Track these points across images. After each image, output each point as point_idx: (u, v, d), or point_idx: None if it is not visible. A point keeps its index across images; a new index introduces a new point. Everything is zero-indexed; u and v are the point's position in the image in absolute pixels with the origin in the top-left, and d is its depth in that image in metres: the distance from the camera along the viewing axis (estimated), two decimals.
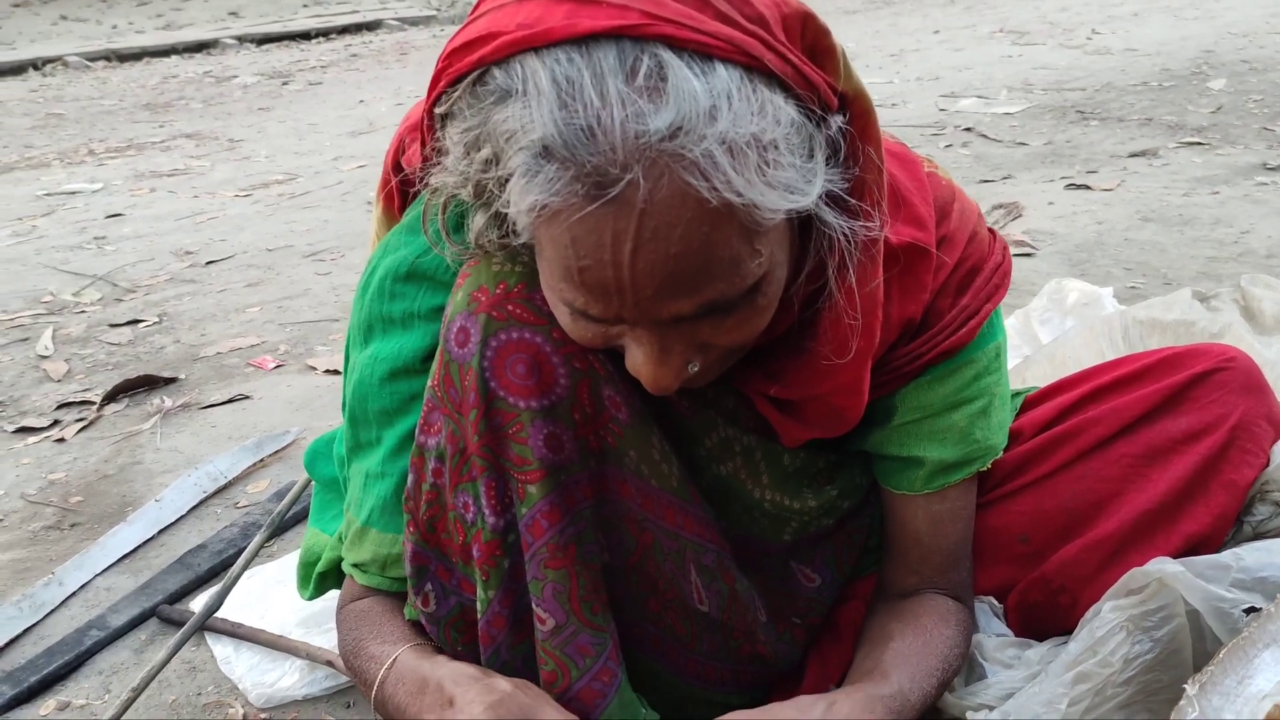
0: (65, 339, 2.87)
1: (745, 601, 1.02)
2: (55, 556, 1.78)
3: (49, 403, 2.44)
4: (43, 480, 2.06)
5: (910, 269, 0.94)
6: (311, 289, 3.15)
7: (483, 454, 0.88)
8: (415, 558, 0.95)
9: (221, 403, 2.36)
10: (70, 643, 1.53)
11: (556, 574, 0.89)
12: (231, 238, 3.78)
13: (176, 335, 2.84)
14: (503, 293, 0.87)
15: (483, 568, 0.91)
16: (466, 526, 0.92)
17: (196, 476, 1.96)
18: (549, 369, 0.87)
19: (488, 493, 0.89)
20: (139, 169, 5.13)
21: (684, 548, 0.96)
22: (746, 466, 1.00)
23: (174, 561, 1.71)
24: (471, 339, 0.87)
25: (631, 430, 0.91)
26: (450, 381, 0.89)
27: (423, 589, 0.96)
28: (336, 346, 2.66)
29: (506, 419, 0.87)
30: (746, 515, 1.02)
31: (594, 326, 0.80)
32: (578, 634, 0.90)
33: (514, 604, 0.92)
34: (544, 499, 0.88)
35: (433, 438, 0.92)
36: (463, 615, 0.96)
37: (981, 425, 1.02)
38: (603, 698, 0.91)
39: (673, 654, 1.02)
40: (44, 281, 3.38)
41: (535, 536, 0.89)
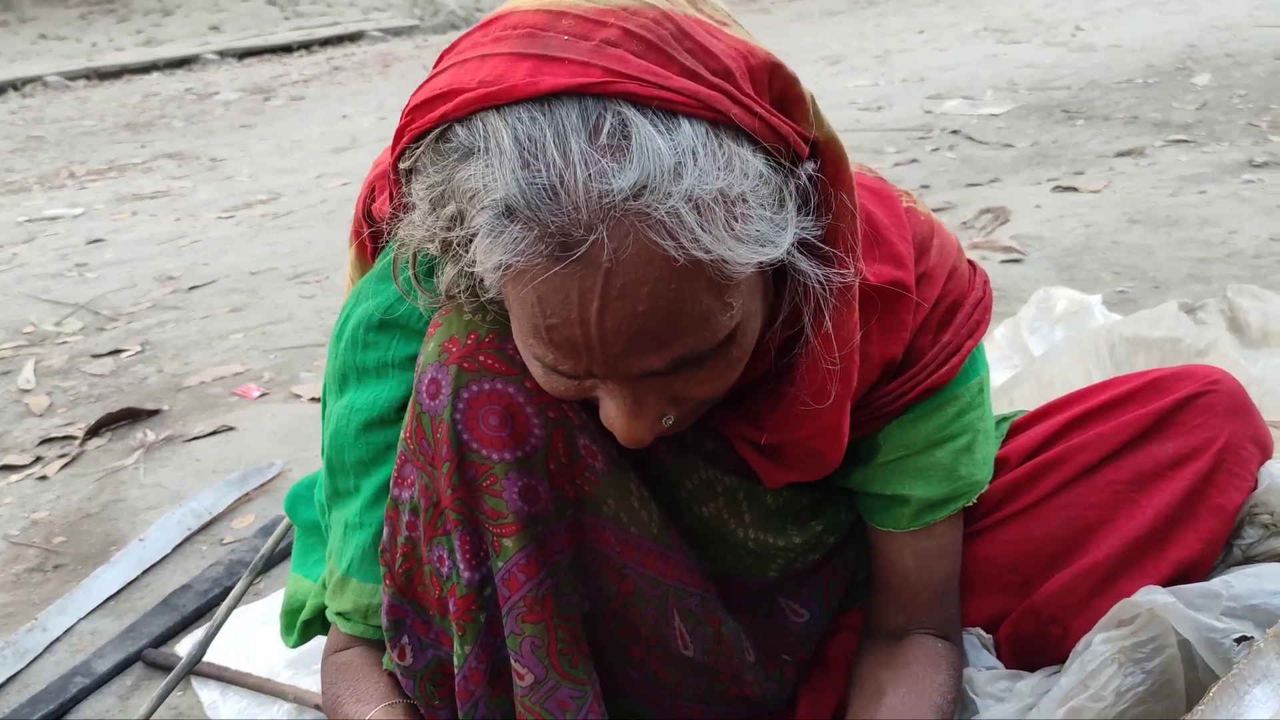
0: (47, 371, 2.85)
1: (732, 643, 1.00)
2: (38, 600, 1.76)
3: (31, 438, 2.41)
4: (25, 520, 2.04)
5: (890, 308, 0.93)
6: (295, 313, 3.13)
7: (456, 507, 0.87)
8: (392, 610, 0.94)
9: (205, 435, 2.34)
10: (54, 691, 1.51)
11: (534, 628, 0.88)
12: (214, 261, 3.76)
13: (159, 364, 2.82)
14: (474, 343, 0.86)
15: (459, 623, 0.90)
16: (442, 581, 0.91)
17: (180, 513, 1.94)
18: (522, 420, 0.86)
19: (462, 547, 0.88)
20: (120, 191, 5.11)
21: (666, 594, 0.95)
22: (729, 507, 0.99)
23: (159, 603, 1.69)
24: (443, 391, 0.85)
25: (608, 478, 0.89)
26: (423, 434, 0.88)
27: (399, 642, 0.95)
28: (320, 373, 2.64)
29: (480, 472, 0.86)
30: (731, 555, 1.01)
31: (566, 380, 0.79)
32: (558, 688, 0.89)
33: (491, 658, 0.91)
34: (520, 552, 0.87)
35: (406, 490, 0.91)
36: (440, 669, 0.95)
37: (966, 461, 1.00)
38: None
39: (658, 700, 1.01)
40: (25, 311, 3.35)
41: (512, 590, 0.88)
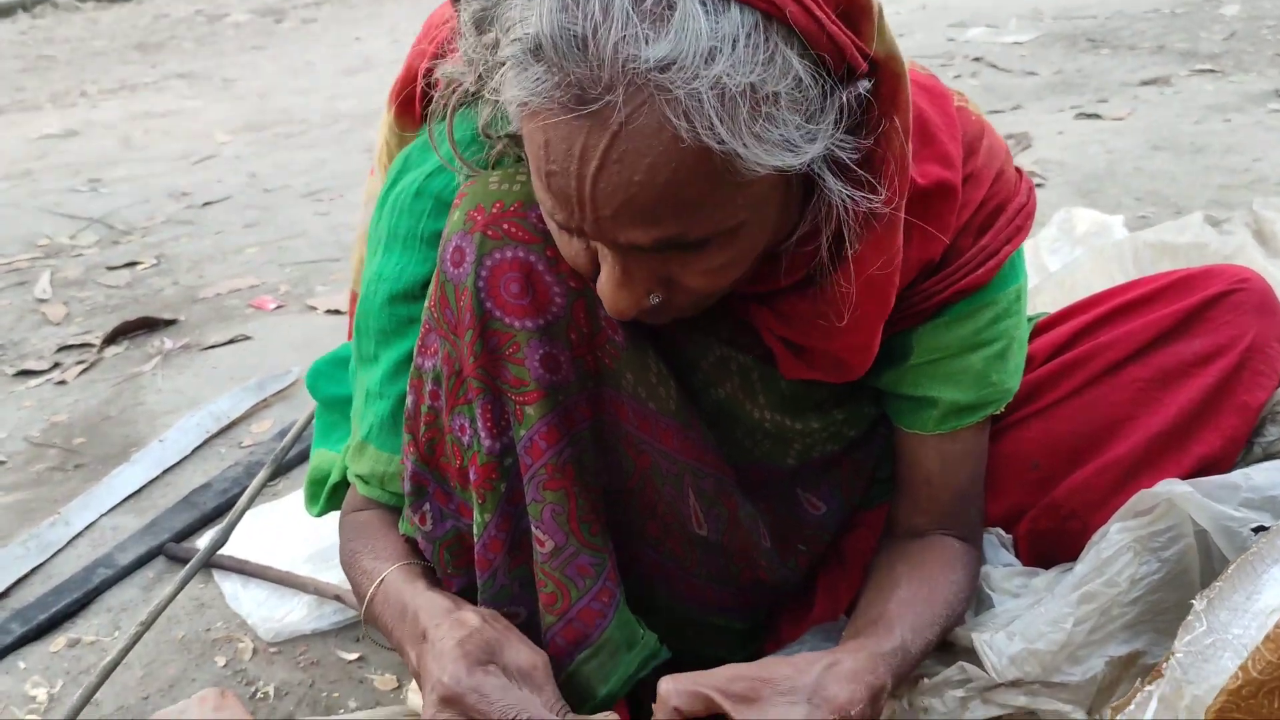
0: (63, 282, 2.86)
1: (748, 527, 1.01)
2: (60, 497, 1.78)
3: (49, 346, 2.43)
4: (45, 422, 2.06)
5: (934, 211, 0.91)
6: (310, 229, 3.12)
7: (478, 376, 0.87)
8: (414, 478, 0.95)
9: (222, 344, 2.35)
10: (78, 581, 1.53)
11: (555, 495, 0.89)
12: (227, 178, 3.75)
13: (175, 277, 2.83)
14: (499, 211, 0.86)
15: (479, 491, 0.90)
16: (463, 450, 0.91)
17: (199, 417, 1.95)
18: (543, 287, 0.86)
19: (484, 415, 0.88)
20: (132, 110, 5.08)
21: (683, 472, 0.95)
22: (744, 388, 0.98)
23: (179, 501, 1.72)
24: (467, 258, 0.86)
25: (628, 352, 0.90)
26: (446, 302, 0.88)
27: (420, 508, 0.96)
28: (336, 286, 2.64)
29: (502, 340, 0.86)
30: (749, 439, 1.01)
31: (576, 242, 0.80)
32: (577, 555, 0.90)
33: (511, 528, 0.92)
34: (541, 420, 0.87)
35: (429, 359, 0.91)
36: (458, 539, 0.96)
37: (998, 369, 0.99)
38: (603, 618, 0.91)
39: (672, 577, 1.02)
40: (40, 225, 3.35)
41: (533, 458, 0.88)
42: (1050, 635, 0.92)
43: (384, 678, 1.33)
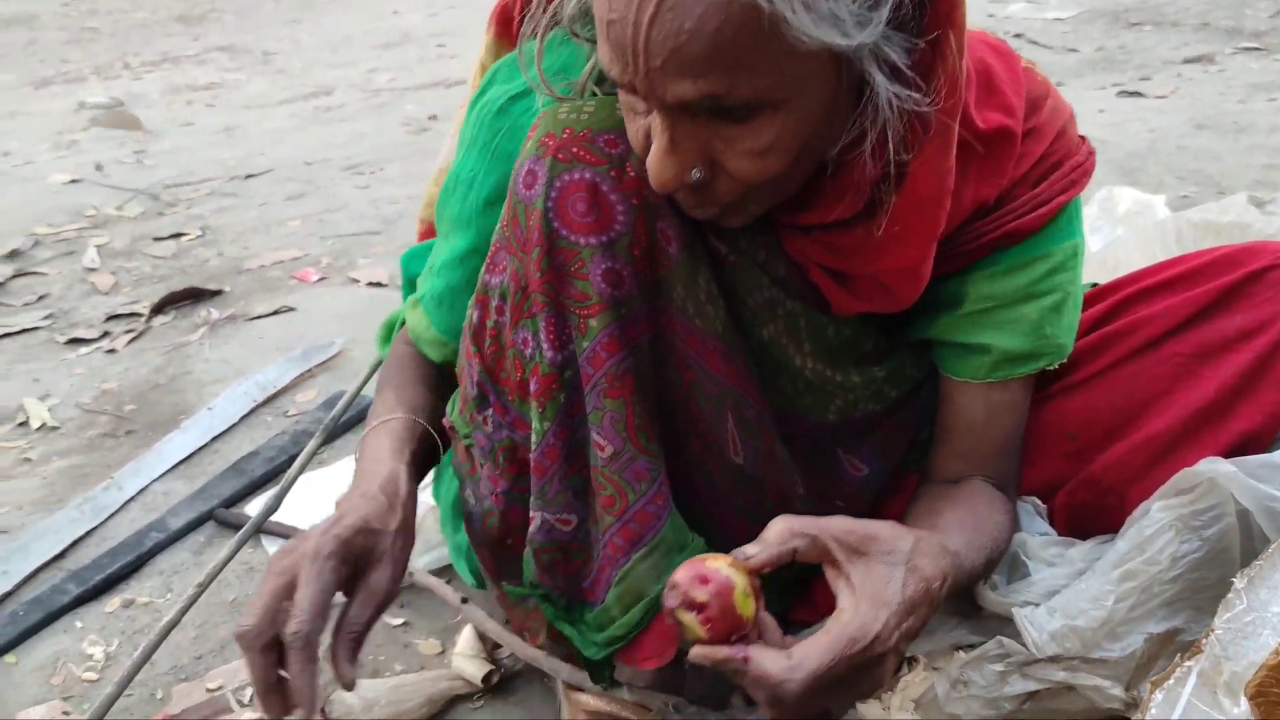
0: (110, 252, 2.91)
1: (784, 466, 1.03)
2: (112, 462, 1.83)
3: (98, 314, 2.48)
4: (96, 390, 2.11)
5: (992, 154, 0.94)
6: (351, 202, 3.15)
7: (544, 290, 0.91)
8: (479, 386, 1.00)
9: (267, 314, 2.39)
10: (131, 544, 1.58)
11: (614, 404, 0.92)
12: (269, 151, 3.79)
13: (219, 248, 2.87)
14: (569, 137, 0.90)
15: (539, 400, 0.94)
16: (524, 362, 0.95)
17: (246, 386, 1.99)
18: (607, 206, 0.90)
19: (547, 329, 0.92)
20: (175, 82, 5.13)
21: (724, 395, 0.98)
22: (789, 332, 1.00)
23: (228, 468, 1.76)
24: (538, 181, 0.90)
25: (680, 266, 0.93)
26: (517, 222, 0.92)
27: (482, 412, 1.01)
28: (378, 259, 2.68)
29: (568, 257, 0.90)
30: (791, 387, 1.03)
31: (636, 120, 0.85)
32: (634, 460, 0.93)
33: (568, 438, 0.95)
34: (604, 331, 0.91)
35: (497, 276, 0.96)
36: (511, 448, 1.00)
37: (1053, 321, 1.01)
38: (657, 520, 0.95)
39: (709, 502, 1.04)
40: (86, 196, 3.41)
41: (595, 368, 0.92)
42: (1091, 612, 0.94)
43: (428, 643, 1.36)
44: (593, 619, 1.00)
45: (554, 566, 1.00)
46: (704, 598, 0.79)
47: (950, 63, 0.82)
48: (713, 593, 0.79)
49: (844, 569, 0.83)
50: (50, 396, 2.08)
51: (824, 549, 0.83)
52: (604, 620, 0.99)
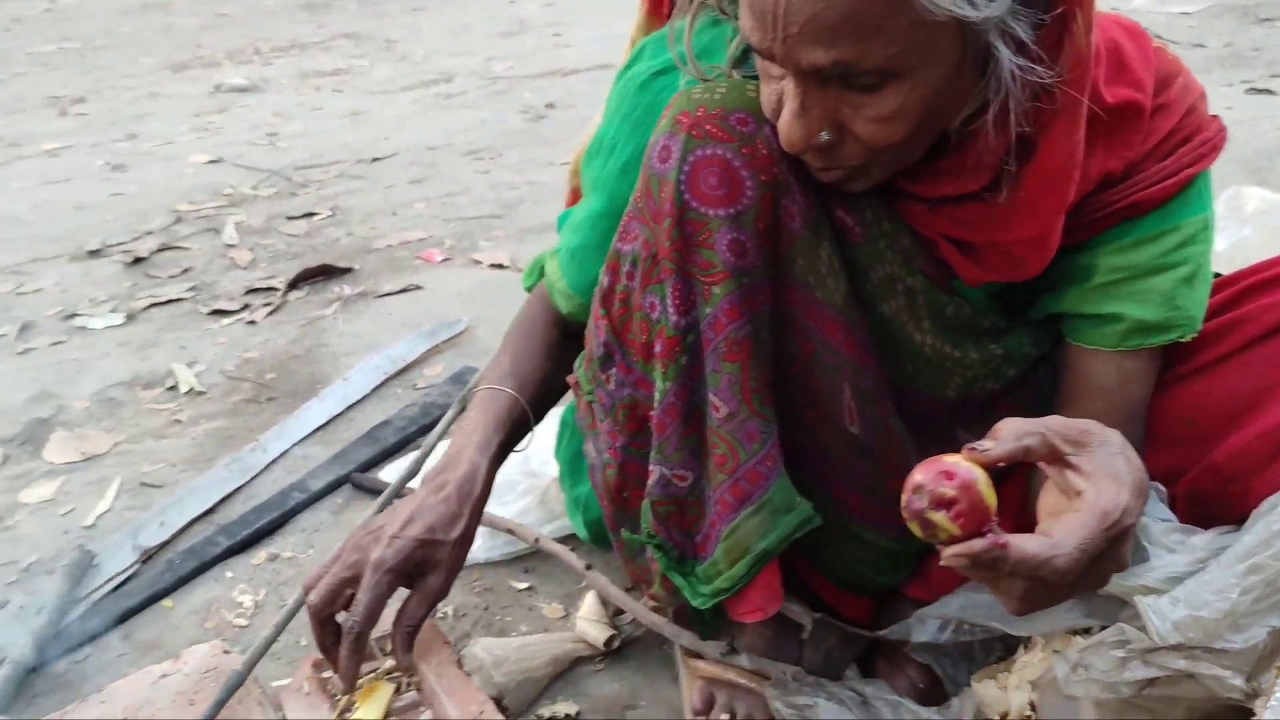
0: (247, 229, 3.05)
1: (900, 437, 1.06)
2: (255, 427, 1.94)
3: (238, 288, 2.61)
4: (238, 358, 2.23)
5: (1120, 127, 0.97)
6: (472, 186, 3.25)
7: (672, 258, 0.97)
8: (605, 346, 1.08)
9: (395, 292, 2.50)
10: (276, 502, 1.68)
11: (732, 367, 0.97)
12: (394, 136, 3.92)
13: (349, 228, 2.99)
14: (703, 114, 0.96)
15: (662, 361, 1.00)
16: (651, 325, 1.02)
17: (378, 359, 2.09)
18: (737, 181, 0.95)
19: (674, 294, 0.98)
20: (303, 68, 5.32)
21: (842, 365, 1.01)
22: (909, 308, 1.04)
23: (362, 435, 1.85)
24: (672, 155, 0.95)
25: (803, 240, 0.97)
26: (650, 194, 0.98)
27: (606, 371, 1.09)
28: (499, 242, 2.77)
29: (696, 227, 0.95)
30: (911, 364, 1.06)
31: (770, 84, 0.91)
32: (747, 421, 0.98)
33: (687, 398, 1.01)
34: (726, 298, 0.96)
35: (629, 244, 1.03)
36: (631, 406, 1.07)
37: (1184, 293, 1.02)
38: (766, 480, 1.00)
39: (823, 473, 1.07)
40: (224, 176, 3.58)
41: (716, 332, 0.97)
42: (1215, 603, 0.95)
43: (552, 607, 1.43)
44: (702, 571, 1.06)
45: (669, 519, 1.06)
46: (952, 493, 0.78)
47: (1077, 39, 0.85)
48: (959, 486, 0.78)
49: (1071, 461, 0.82)
50: (197, 363, 2.21)
51: (1051, 446, 0.82)
52: (712, 573, 1.05)
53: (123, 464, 1.85)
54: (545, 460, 1.66)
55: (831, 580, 1.17)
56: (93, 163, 3.87)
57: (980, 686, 1.06)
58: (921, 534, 0.80)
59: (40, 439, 1.95)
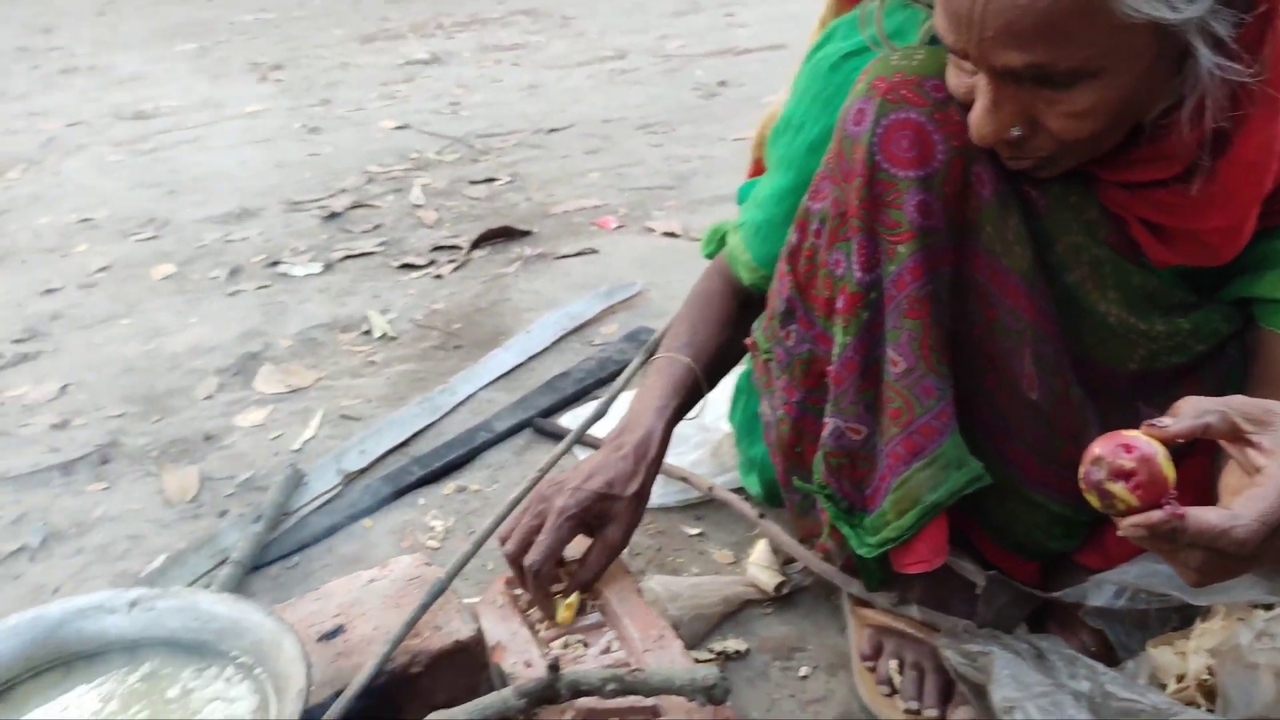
0: (433, 192, 3.21)
1: (1078, 405, 1.07)
2: (443, 371, 2.07)
3: (425, 245, 2.76)
4: (426, 309, 2.37)
5: None
6: (645, 159, 3.33)
7: (860, 217, 1.01)
8: (788, 302, 1.13)
9: (572, 255, 2.60)
10: (464, 439, 1.80)
11: (913, 323, 1.01)
12: (570, 108, 4.03)
13: (527, 194, 3.11)
14: (899, 80, 0.99)
15: (844, 316, 1.05)
16: (835, 281, 1.06)
17: (557, 316, 2.20)
18: (929, 145, 0.98)
19: (859, 251, 1.02)
20: (483, 42, 5.51)
21: (1024, 330, 1.03)
22: (1094, 277, 1.04)
23: (543, 384, 1.95)
24: (867, 119, 1.00)
25: (991, 207, 1.00)
26: (842, 155, 1.03)
27: (787, 327, 1.14)
28: (671, 212, 2.84)
29: (886, 188, 0.99)
30: (1093, 335, 1.06)
31: (962, 77, 0.93)
32: (924, 378, 1.02)
33: (866, 354, 1.05)
34: (910, 257, 1.00)
35: (819, 203, 1.08)
36: (810, 361, 1.12)
37: None
38: (940, 435, 1.03)
39: (999, 438, 1.09)
40: (411, 141, 3.76)
41: (899, 290, 1.01)
42: None
43: (722, 553, 1.49)
44: (869, 523, 1.10)
45: (840, 470, 1.10)
46: (1131, 465, 0.79)
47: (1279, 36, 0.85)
48: (1139, 459, 0.79)
49: (1253, 439, 0.82)
50: (389, 311, 2.36)
51: (1232, 423, 0.83)
52: (879, 524, 1.09)
53: (324, 397, 2.00)
54: (718, 417, 1.72)
55: (1000, 543, 1.20)
56: (291, 125, 4.12)
57: (1155, 652, 1.07)
58: (1099, 505, 0.82)
59: (251, 371, 2.12)
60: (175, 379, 2.12)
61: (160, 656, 1.08)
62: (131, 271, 2.74)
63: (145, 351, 2.25)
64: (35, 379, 2.17)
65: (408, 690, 1.16)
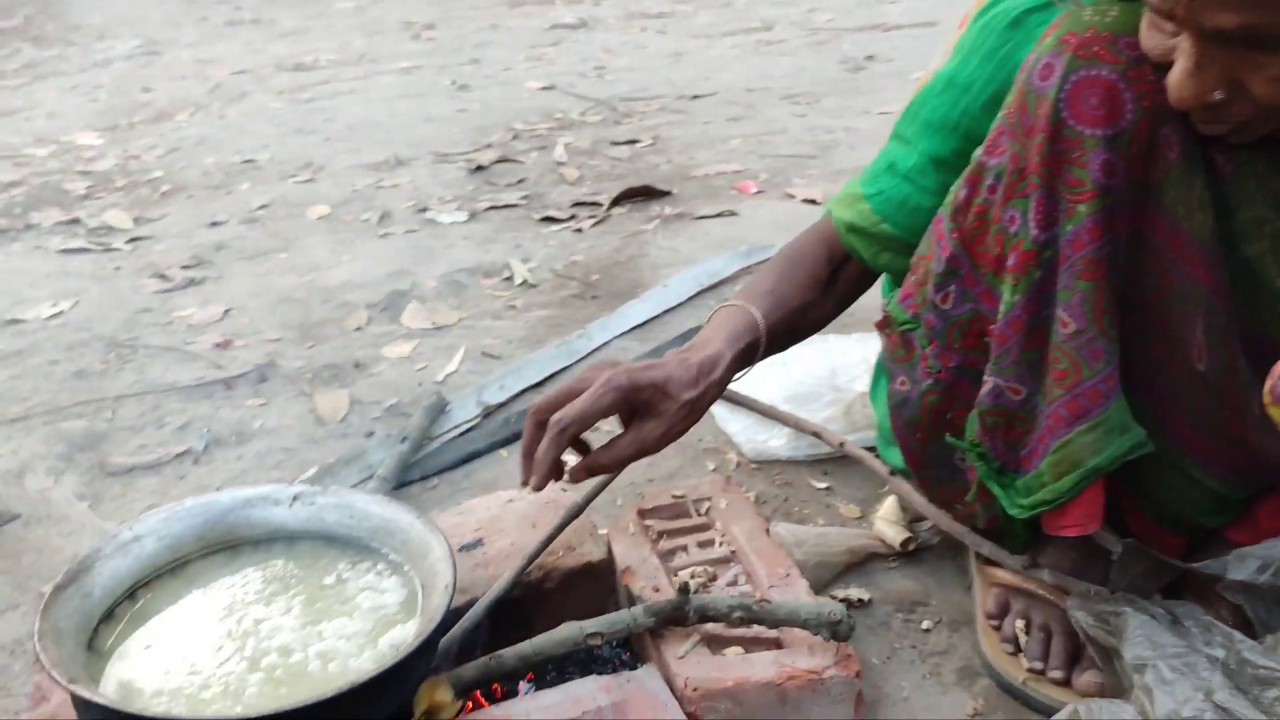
0: (575, 150, 3.27)
1: (1245, 381, 1.04)
2: (580, 319, 2.12)
3: (566, 200, 2.82)
4: (566, 260, 2.43)
5: None
6: (789, 128, 3.33)
7: (1040, 173, 1.00)
8: (951, 260, 1.10)
9: (711, 216, 2.62)
10: None
11: (1086, 284, 1.00)
12: (713, 76, 4.05)
13: (668, 156, 3.15)
14: (1091, 36, 0.97)
15: (1014, 274, 1.03)
16: (1007, 238, 1.04)
17: (695, 272, 2.22)
18: (1119, 103, 0.96)
19: (1037, 208, 1.01)
20: (629, 9, 5.56)
21: (1198, 300, 1.01)
22: (1273, 251, 1.02)
23: (677, 336, 1.99)
24: (1055, 74, 0.98)
25: (1177, 170, 0.98)
26: (1025, 110, 1.01)
27: (945, 288, 1.11)
28: (813, 181, 2.83)
29: (1071, 145, 0.98)
30: (1268, 309, 1.04)
31: (1159, 37, 0.90)
32: (1094, 340, 1.01)
33: (1033, 313, 1.03)
34: (1090, 217, 0.98)
35: (995, 157, 1.05)
36: (971, 322, 1.10)
37: None
38: (1105, 399, 1.02)
39: (1162, 405, 1.07)
40: (555, 101, 3.83)
41: (1075, 250, 0.99)
42: None
43: (849, 507, 1.50)
44: (1023, 484, 1.09)
45: (995, 430, 1.09)
46: None
47: None
48: None
49: None
50: (530, 260, 2.43)
51: None
52: (1034, 485, 1.07)
53: (466, 336, 2.07)
54: (852, 377, 1.73)
55: (1149, 514, 1.18)
56: (441, 81, 4.24)
57: None
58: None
59: (398, 307, 2.21)
60: (328, 310, 2.23)
61: (318, 548, 1.16)
62: (289, 210, 2.88)
63: (301, 283, 2.37)
64: (201, 302, 2.31)
65: (539, 604, 1.22)
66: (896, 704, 1.16)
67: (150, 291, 2.39)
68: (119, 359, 2.06)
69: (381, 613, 1.07)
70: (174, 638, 1.05)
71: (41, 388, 1.96)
